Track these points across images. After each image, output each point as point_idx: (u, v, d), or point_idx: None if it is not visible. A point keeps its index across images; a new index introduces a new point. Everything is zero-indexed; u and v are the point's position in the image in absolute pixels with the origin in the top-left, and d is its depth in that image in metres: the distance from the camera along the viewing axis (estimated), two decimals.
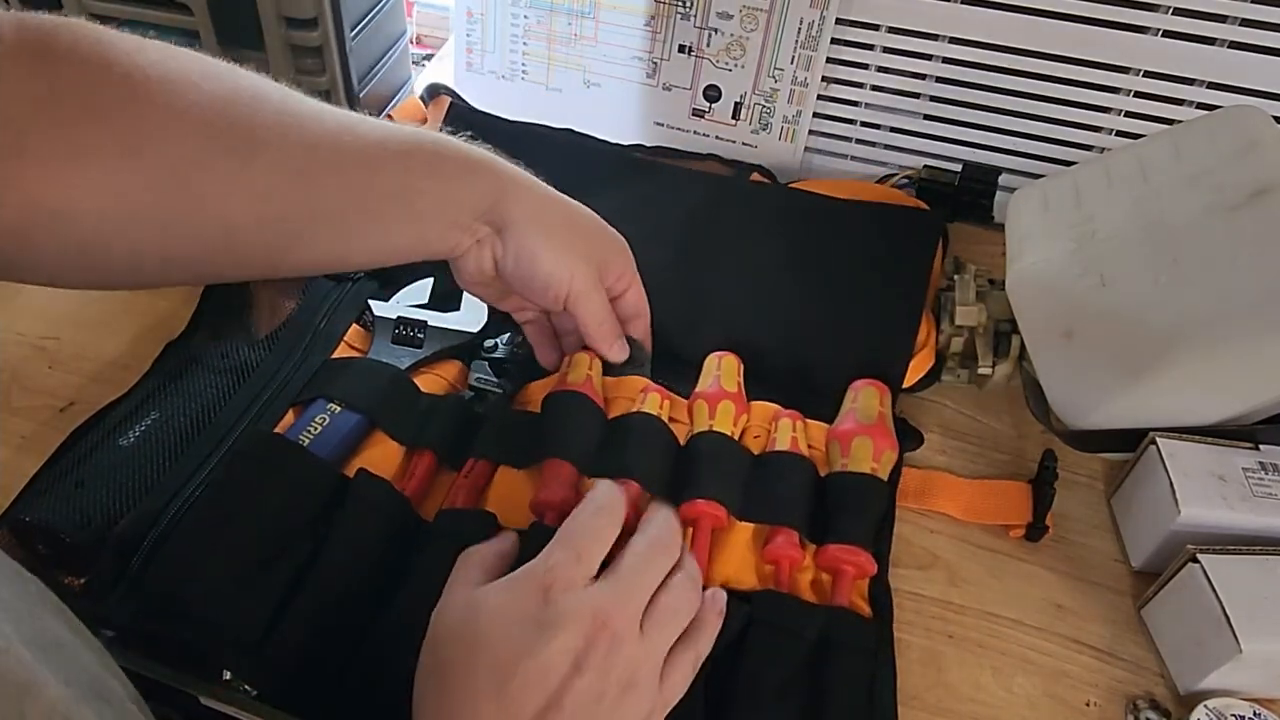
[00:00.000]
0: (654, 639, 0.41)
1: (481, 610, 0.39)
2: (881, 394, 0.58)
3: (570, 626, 0.38)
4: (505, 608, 0.39)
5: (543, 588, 0.39)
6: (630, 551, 0.42)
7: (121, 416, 0.55)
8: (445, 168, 0.50)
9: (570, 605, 0.38)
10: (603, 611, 0.39)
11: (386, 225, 0.50)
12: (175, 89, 0.43)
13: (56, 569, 0.49)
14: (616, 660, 0.38)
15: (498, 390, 0.59)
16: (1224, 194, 0.53)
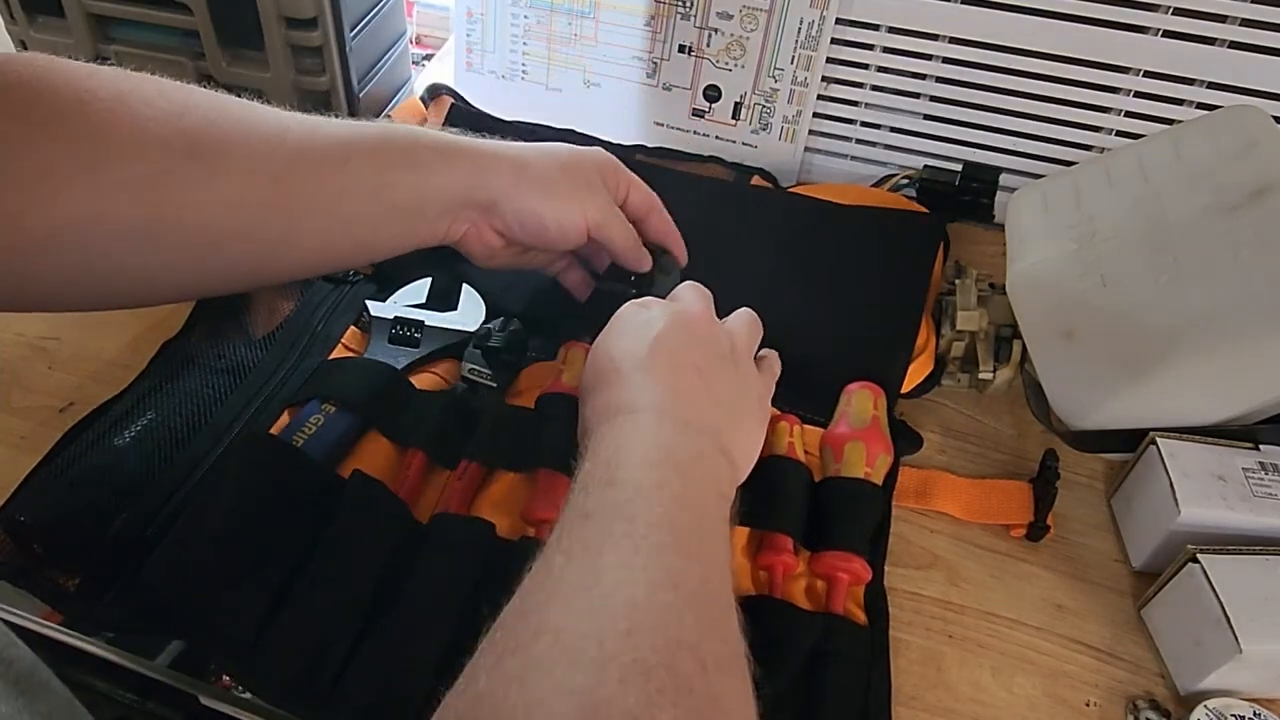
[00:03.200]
0: (734, 329, 0.53)
1: (615, 328, 0.51)
2: (876, 397, 0.57)
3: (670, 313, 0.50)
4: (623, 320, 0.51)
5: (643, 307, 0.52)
6: (684, 297, 0.53)
7: (117, 416, 0.55)
8: (421, 159, 0.51)
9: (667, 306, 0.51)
10: (687, 308, 0.51)
11: (368, 222, 0.50)
12: (130, 107, 0.43)
13: (51, 568, 0.49)
14: (714, 333, 0.51)
15: (490, 382, 0.58)
16: (1224, 194, 0.53)
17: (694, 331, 0.49)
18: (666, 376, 0.45)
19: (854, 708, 0.46)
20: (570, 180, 0.54)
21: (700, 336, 0.49)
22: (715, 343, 0.49)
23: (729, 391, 0.48)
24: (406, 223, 0.52)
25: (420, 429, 0.55)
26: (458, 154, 0.52)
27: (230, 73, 0.66)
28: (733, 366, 0.49)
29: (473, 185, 0.52)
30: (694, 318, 0.50)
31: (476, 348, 0.60)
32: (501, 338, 0.60)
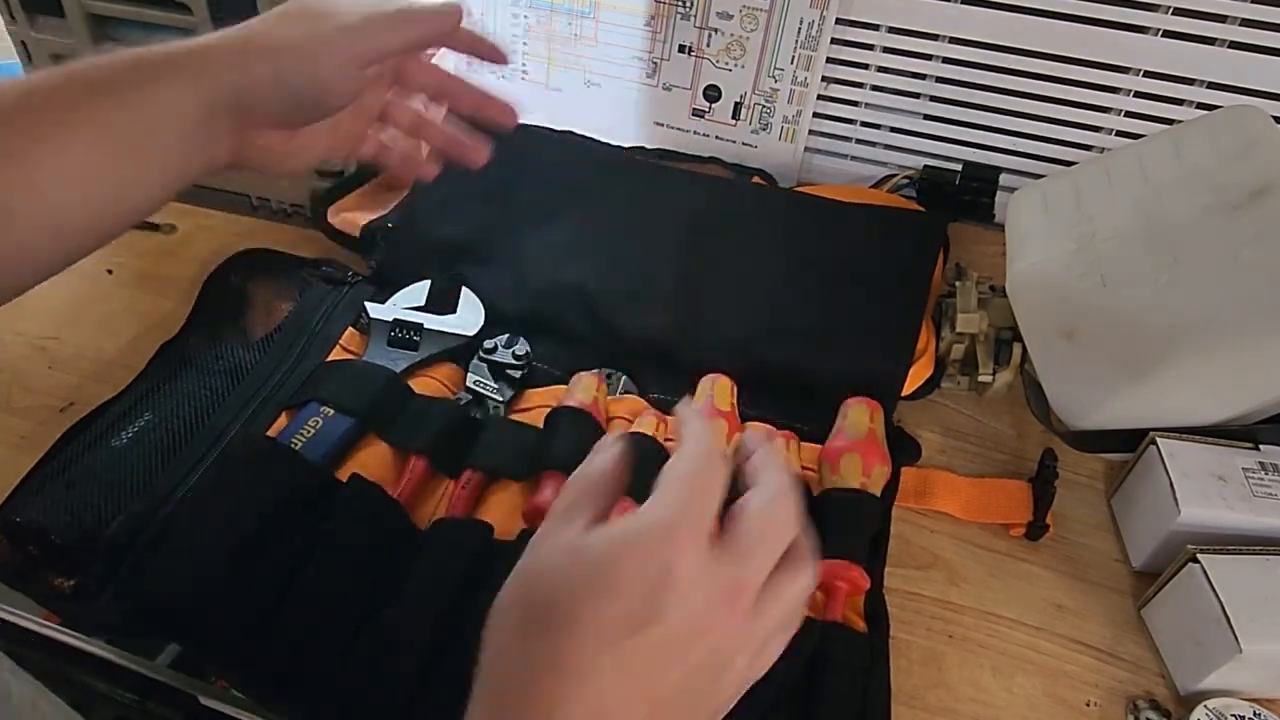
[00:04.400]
0: (766, 621, 0.36)
1: (593, 559, 0.34)
2: (872, 410, 0.58)
3: (690, 607, 0.33)
4: (619, 575, 0.33)
5: (665, 556, 0.34)
6: (760, 513, 0.37)
7: (115, 417, 0.55)
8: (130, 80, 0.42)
9: (694, 581, 0.34)
10: (728, 592, 0.34)
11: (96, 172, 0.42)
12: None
13: (46, 570, 0.49)
14: (727, 641, 0.35)
15: (495, 396, 0.59)
16: (1224, 194, 0.53)
17: (698, 645, 0.34)
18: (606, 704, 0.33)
19: (852, 714, 0.46)
20: (302, 24, 0.45)
21: (699, 655, 0.34)
22: (711, 662, 0.35)
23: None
24: (148, 162, 0.43)
25: (422, 435, 0.55)
26: (170, 62, 0.43)
27: None
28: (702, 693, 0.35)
29: (204, 90, 0.43)
30: (715, 624, 0.34)
31: (482, 361, 0.60)
32: (509, 354, 0.60)
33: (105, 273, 0.69)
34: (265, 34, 0.45)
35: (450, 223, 0.62)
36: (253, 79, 0.44)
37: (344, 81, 0.45)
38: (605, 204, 0.70)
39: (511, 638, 0.34)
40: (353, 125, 0.51)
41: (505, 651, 0.34)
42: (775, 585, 0.36)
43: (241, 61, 0.44)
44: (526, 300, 0.64)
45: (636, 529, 0.35)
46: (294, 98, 0.44)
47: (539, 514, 0.51)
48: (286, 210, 0.73)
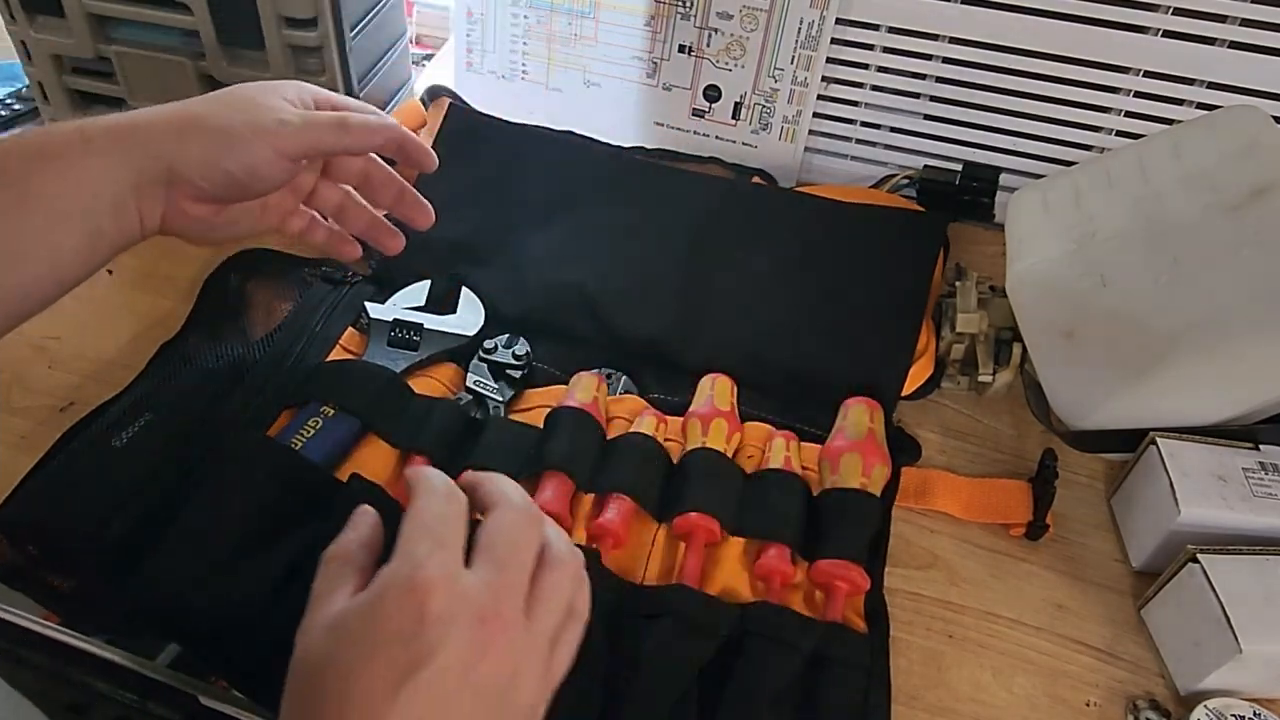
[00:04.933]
0: (544, 622, 0.36)
1: (349, 635, 0.34)
2: (872, 410, 0.58)
3: (457, 634, 0.33)
4: (374, 631, 0.33)
5: (415, 598, 0.33)
6: (497, 529, 0.37)
7: (115, 417, 0.55)
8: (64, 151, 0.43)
9: (452, 610, 0.33)
10: (489, 608, 0.34)
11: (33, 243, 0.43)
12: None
13: (46, 570, 0.49)
14: (509, 653, 0.35)
15: (495, 396, 0.59)
16: (1224, 194, 0.53)
17: (479, 666, 0.34)
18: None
19: (852, 713, 0.46)
20: (243, 113, 0.46)
21: (485, 673, 0.34)
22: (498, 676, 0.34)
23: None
24: (80, 230, 0.44)
25: (422, 435, 0.55)
26: (108, 134, 0.44)
27: (230, 72, 0.66)
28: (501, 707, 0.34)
29: (137, 162, 0.44)
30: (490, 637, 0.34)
31: (482, 361, 0.60)
32: (509, 354, 0.60)
33: (105, 273, 0.69)
34: (206, 115, 0.46)
35: (450, 223, 0.62)
36: (189, 157, 0.45)
37: (276, 170, 0.47)
38: (605, 204, 0.70)
39: (300, 710, 0.34)
40: (282, 202, 0.53)
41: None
42: (539, 586, 0.37)
43: (179, 139, 0.45)
44: (526, 300, 0.64)
45: (384, 582, 0.35)
46: (226, 178, 0.46)
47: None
48: None
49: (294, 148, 0.47)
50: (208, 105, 0.47)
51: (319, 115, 0.49)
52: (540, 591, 0.37)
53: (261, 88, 0.49)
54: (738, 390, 0.60)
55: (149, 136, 0.45)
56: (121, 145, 0.45)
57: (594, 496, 0.53)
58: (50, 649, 0.48)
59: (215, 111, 0.47)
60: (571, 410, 0.55)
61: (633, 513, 0.52)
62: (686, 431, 0.57)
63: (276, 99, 0.48)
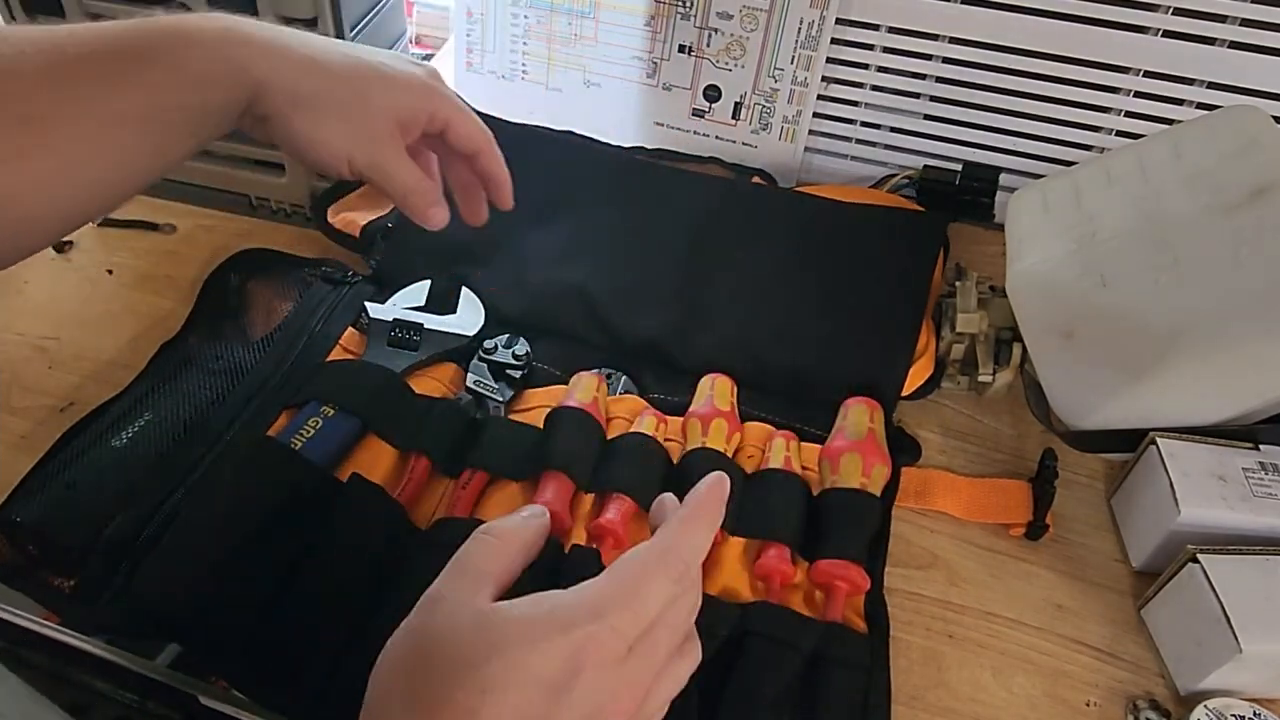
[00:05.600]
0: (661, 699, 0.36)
1: (504, 638, 0.32)
2: (872, 411, 0.58)
3: (593, 704, 0.32)
4: (527, 657, 0.32)
5: (582, 658, 0.32)
6: (671, 618, 0.35)
7: (115, 417, 0.55)
8: (193, 73, 0.43)
9: (602, 683, 0.32)
10: (635, 692, 0.34)
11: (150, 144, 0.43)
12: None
13: (46, 570, 0.49)
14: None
15: (495, 396, 0.59)
16: (1224, 194, 0.53)
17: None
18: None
19: (852, 713, 0.46)
20: (348, 114, 0.47)
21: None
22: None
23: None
24: (185, 138, 0.45)
25: (423, 435, 0.55)
26: (234, 63, 0.44)
27: None
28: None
29: (249, 98, 0.45)
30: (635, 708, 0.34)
31: (482, 361, 0.60)
32: (509, 354, 0.60)
33: (105, 273, 0.69)
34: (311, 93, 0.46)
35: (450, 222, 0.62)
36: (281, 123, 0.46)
37: (338, 173, 0.48)
38: (605, 204, 0.70)
39: (406, 704, 0.32)
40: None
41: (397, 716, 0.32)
42: (669, 672, 0.35)
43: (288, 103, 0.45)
44: (526, 300, 0.64)
45: (560, 622, 0.33)
46: (295, 155, 0.48)
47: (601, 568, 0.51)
48: (286, 210, 0.73)
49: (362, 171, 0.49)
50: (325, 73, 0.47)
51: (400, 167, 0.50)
52: (668, 676, 0.36)
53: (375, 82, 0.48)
54: (738, 390, 0.60)
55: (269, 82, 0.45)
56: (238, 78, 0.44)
57: (594, 496, 0.53)
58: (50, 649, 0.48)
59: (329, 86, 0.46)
60: (571, 410, 0.55)
61: (633, 513, 0.52)
62: (686, 431, 0.57)
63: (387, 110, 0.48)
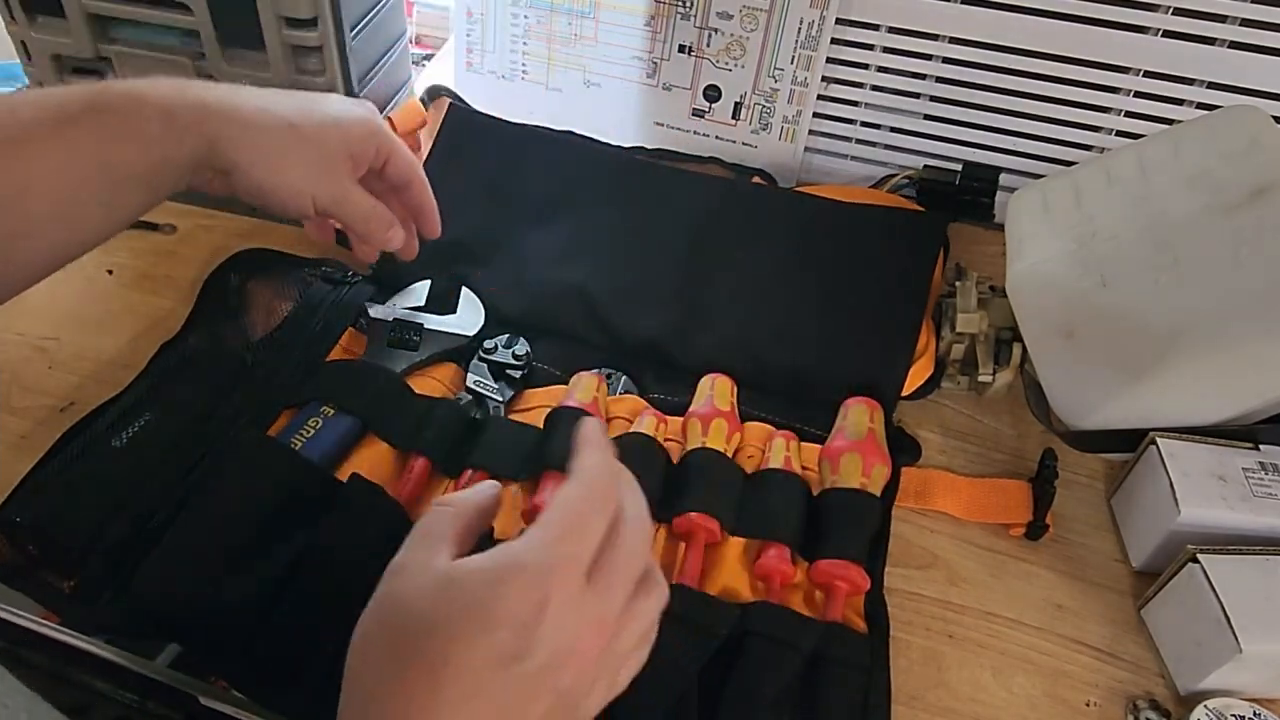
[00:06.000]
0: (623, 651, 0.37)
1: (468, 592, 0.33)
2: (872, 411, 0.58)
3: (562, 641, 0.34)
4: (496, 609, 0.33)
5: (542, 592, 0.33)
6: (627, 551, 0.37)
7: (115, 418, 0.55)
8: (142, 131, 0.46)
9: (567, 617, 0.34)
10: (596, 624, 0.35)
11: (97, 197, 0.46)
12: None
13: (46, 570, 0.49)
14: (593, 672, 0.35)
15: (495, 396, 0.58)
16: (1224, 194, 0.53)
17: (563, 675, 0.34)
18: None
19: (852, 713, 0.46)
20: (306, 155, 0.50)
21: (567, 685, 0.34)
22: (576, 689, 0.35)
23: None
24: (139, 192, 0.48)
25: (423, 435, 0.55)
26: (183, 122, 0.47)
27: (230, 73, 0.65)
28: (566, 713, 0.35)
29: (209, 150, 0.48)
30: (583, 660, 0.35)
31: (482, 361, 0.60)
32: (509, 354, 0.60)
33: (105, 273, 0.69)
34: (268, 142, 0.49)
35: (450, 223, 0.62)
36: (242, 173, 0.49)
37: (302, 215, 0.52)
38: (605, 204, 0.70)
39: (380, 668, 0.34)
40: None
41: (374, 682, 0.34)
42: (633, 609, 0.37)
43: (245, 155, 0.48)
44: (526, 300, 0.64)
45: (515, 563, 0.34)
46: (260, 203, 0.51)
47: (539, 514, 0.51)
48: None
49: (325, 209, 0.52)
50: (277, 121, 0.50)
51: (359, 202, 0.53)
52: (632, 613, 0.37)
53: (324, 126, 0.51)
54: (738, 390, 0.60)
55: (221, 135, 0.48)
56: (193, 136, 0.47)
57: None
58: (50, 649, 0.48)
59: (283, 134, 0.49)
60: (571, 410, 0.55)
61: None
62: (686, 431, 0.57)
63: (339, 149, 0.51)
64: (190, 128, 0.47)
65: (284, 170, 0.50)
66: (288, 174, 0.50)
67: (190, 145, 0.47)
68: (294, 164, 0.50)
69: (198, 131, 0.47)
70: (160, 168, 0.47)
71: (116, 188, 0.46)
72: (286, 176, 0.50)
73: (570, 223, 0.69)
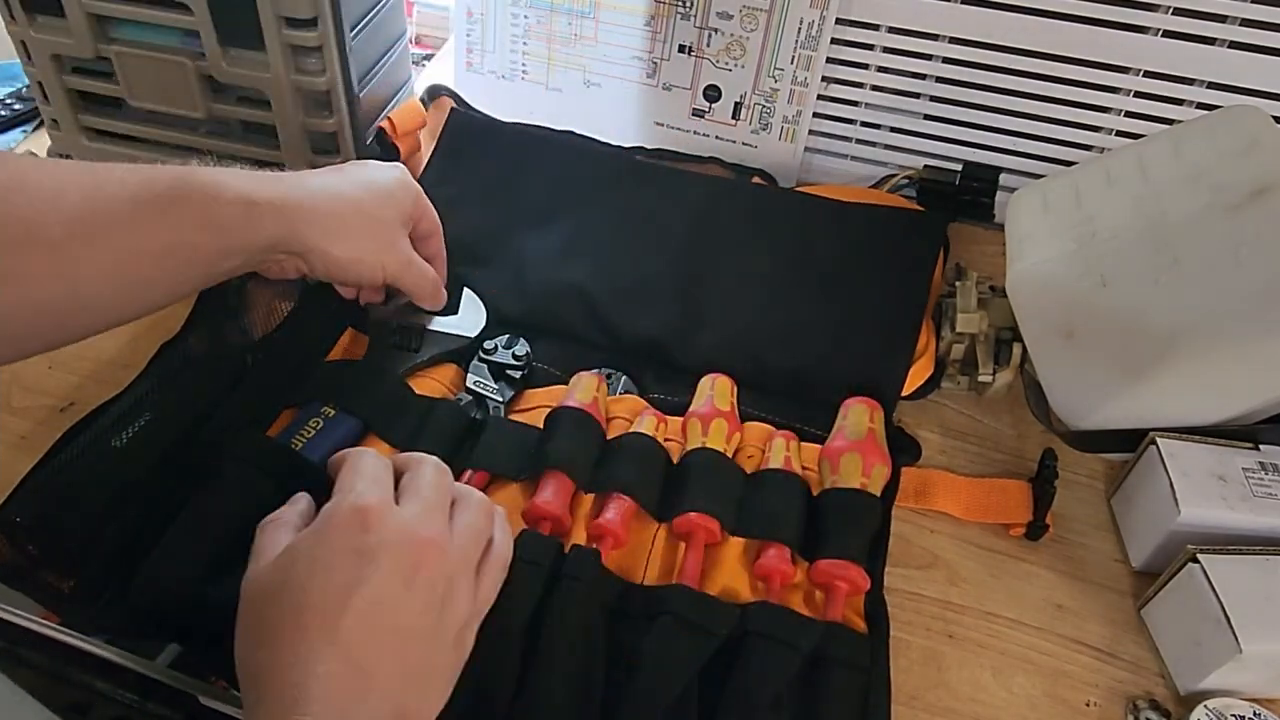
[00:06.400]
0: (467, 548, 0.42)
1: (299, 558, 0.39)
2: (872, 411, 0.58)
3: (396, 549, 0.39)
4: (323, 549, 0.39)
5: (359, 519, 0.39)
6: (416, 475, 0.44)
7: (115, 418, 0.55)
8: (220, 217, 0.48)
9: (392, 527, 0.39)
10: (421, 530, 0.40)
11: (163, 280, 0.48)
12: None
13: (46, 570, 0.49)
14: (440, 568, 0.40)
15: (495, 396, 0.58)
16: (1224, 194, 0.53)
17: (417, 578, 0.39)
18: (359, 654, 0.36)
19: (852, 713, 0.46)
20: (373, 231, 0.55)
21: (421, 584, 0.39)
22: (433, 589, 0.40)
23: (427, 656, 0.39)
24: (206, 275, 0.50)
25: (423, 435, 0.55)
26: (262, 209, 0.50)
27: (230, 73, 0.65)
28: (439, 619, 0.40)
29: (279, 240, 0.51)
30: (423, 552, 0.40)
31: (482, 362, 0.60)
32: (509, 354, 0.60)
33: None
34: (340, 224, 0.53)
35: (451, 223, 0.62)
36: (320, 255, 0.52)
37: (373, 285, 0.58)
38: (605, 204, 0.70)
39: (256, 638, 0.38)
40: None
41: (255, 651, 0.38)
42: (457, 519, 0.43)
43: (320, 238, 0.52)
44: (526, 300, 0.64)
45: (329, 511, 0.41)
46: (335, 279, 0.57)
47: (539, 514, 0.51)
48: None
49: (393, 279, 0.57)
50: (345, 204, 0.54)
51: (419, 268, 0.58)
52: (459, 524, 0.43)
53: (383, 200, 0.56)
54: (738, 390, 0.60)
55: (294, 221, 0.51)
56: (268, 226, 0.50)
57: (594, 496, 0.53)
58: (50, 649, 0.48)
59: (351, 216, 0.54)
60: (571, 410, 0.55)
61: (633, 513, 0.52)
62: (686, 431, 0.57)
63: (397, 220, 0.57)
64: (269, 214, 0.50)
65: (359, 247, 0.54)
66: (362, 250, 0.54)
67: (269, 232, 0.50)
68: (367, 240, 0.54)
69: (276, 217, 0.50)
70: (232, 253, 0.49)
71: (183, 270, 0.49)
72: (358, 253, 0.54)
73: (570, 223, 0.69)
